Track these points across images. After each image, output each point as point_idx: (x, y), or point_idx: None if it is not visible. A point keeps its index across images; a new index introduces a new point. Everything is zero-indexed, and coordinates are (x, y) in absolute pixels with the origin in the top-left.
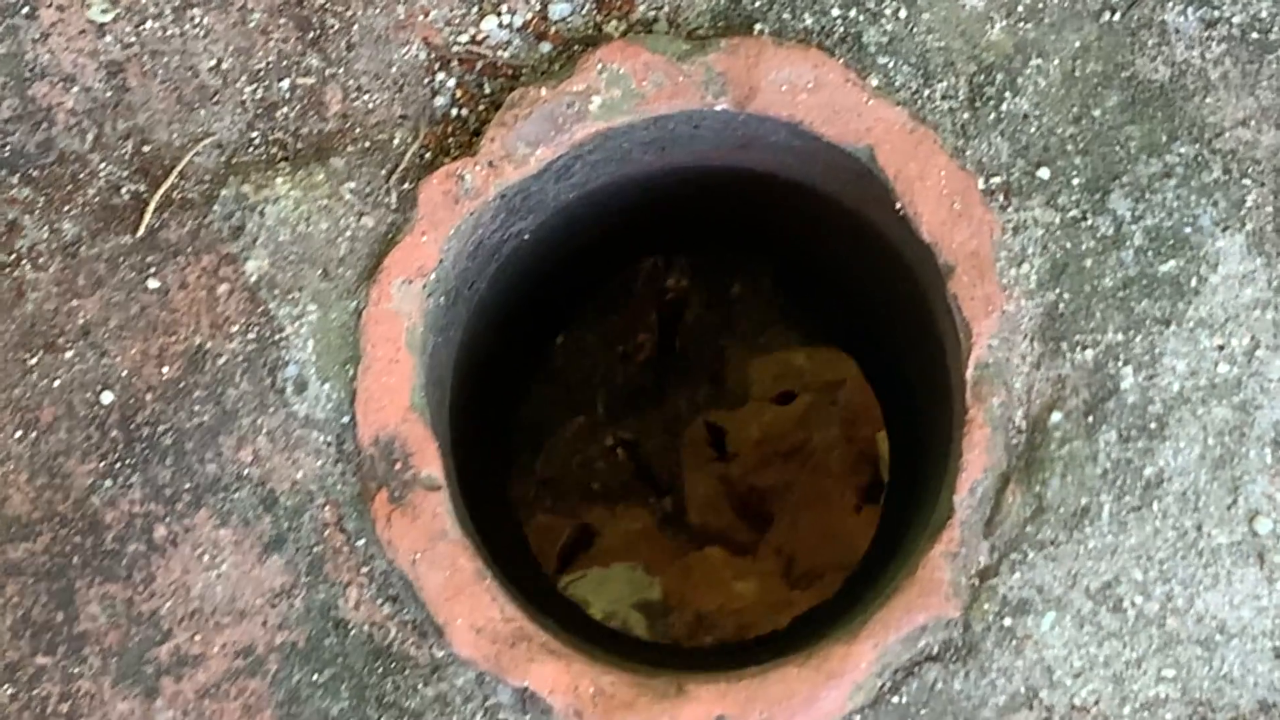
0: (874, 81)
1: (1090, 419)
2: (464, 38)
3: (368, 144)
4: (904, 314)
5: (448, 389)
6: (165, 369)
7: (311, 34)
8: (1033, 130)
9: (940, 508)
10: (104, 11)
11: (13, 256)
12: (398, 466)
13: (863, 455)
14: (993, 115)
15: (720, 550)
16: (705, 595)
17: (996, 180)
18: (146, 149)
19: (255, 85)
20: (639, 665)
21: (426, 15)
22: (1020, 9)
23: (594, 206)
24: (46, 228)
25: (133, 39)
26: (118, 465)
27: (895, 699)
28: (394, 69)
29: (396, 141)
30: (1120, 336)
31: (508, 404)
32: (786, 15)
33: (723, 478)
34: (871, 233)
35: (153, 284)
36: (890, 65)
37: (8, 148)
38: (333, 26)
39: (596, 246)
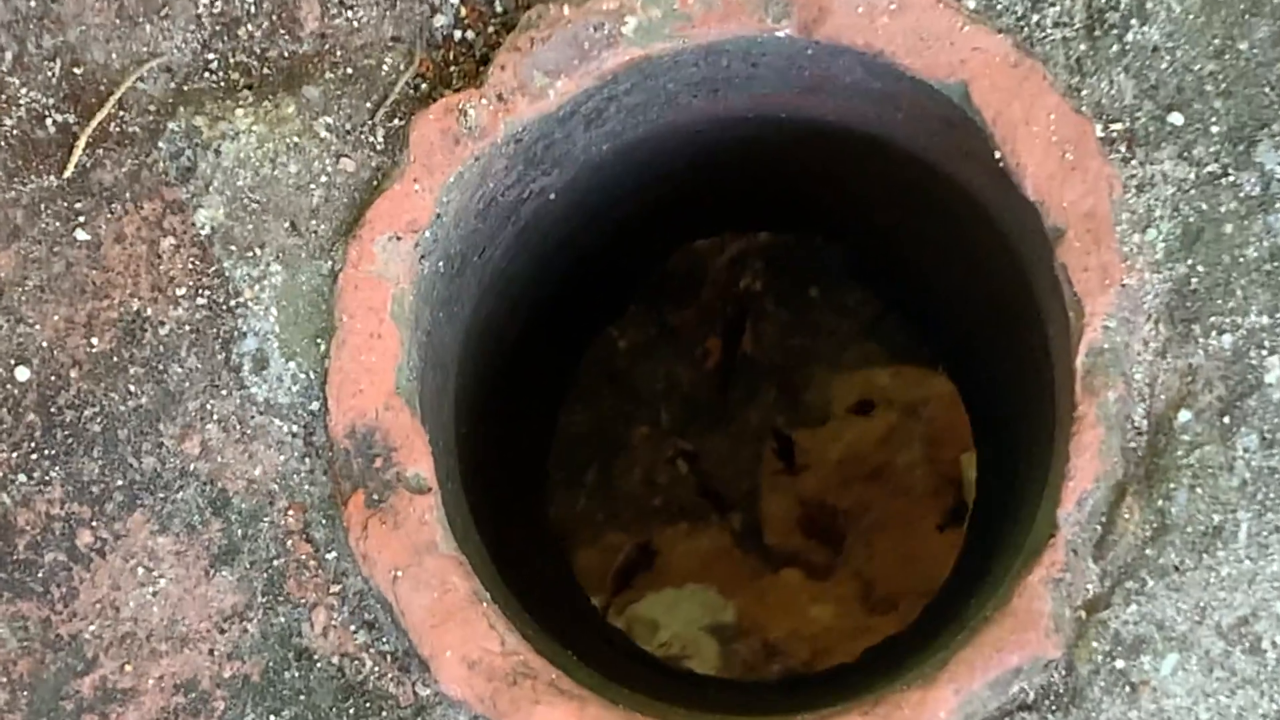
0: (970, 3)
1: (1226, 419)
2: None
3: (350, 70)
4: (1000, 298)
5: (451, 375)
6: (95, 340)
7: None
8: (1164, 66)
9: (1040, 525)
10: None
11: None
12: (377, 463)
13: (945, 477)
14: (1115, 47)
15: (797, 573)
16: (780, 619)
17: (1118, 127)
18: (78, 71)
19: None
20: (675, 707)
21: None
22: None
23: (633, 165)
24: None
25: None
26: (34, 457)
27: None
28: None
29: (385, 68)
30: (1265, 319)
31: (546, 406)
32: None
33: (800, 498)
34: (963, 198)
35: (81, 235)
36: None
37: None
38: None
39: (641, 217)
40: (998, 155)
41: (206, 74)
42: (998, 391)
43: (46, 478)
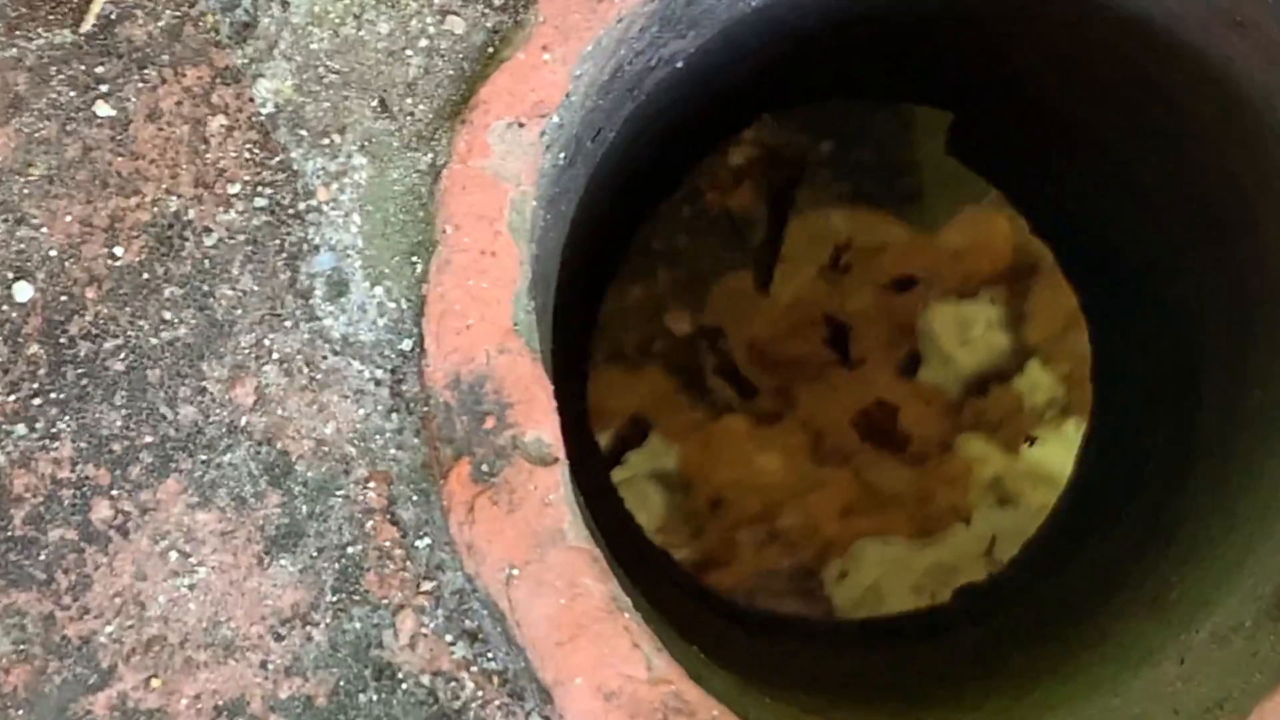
0: None
1: None
2: None
3: None
4: (1188, 198)
5: (551, 291)
6: (119, 250)
7: None
8: None
9: None
10: None
11: None
12: (489, 424)
13: (900, 327)
14: None
15: (743, 419)
16: (725, 469)
17: None
18: None
19: None
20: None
21: None
22: None
23: (773, 24)
24: None
25: None
26: (37, 402)
27: None
28: None
29: None
30: None
31: (595, 293)
32: None
33: (751, 342)
34: (1200, 76)
35: (103, 110)
36: None
37: None
38: None
39: (742, 85)
40: None
41: None
42: (1151, 302)
43: (53, 430)
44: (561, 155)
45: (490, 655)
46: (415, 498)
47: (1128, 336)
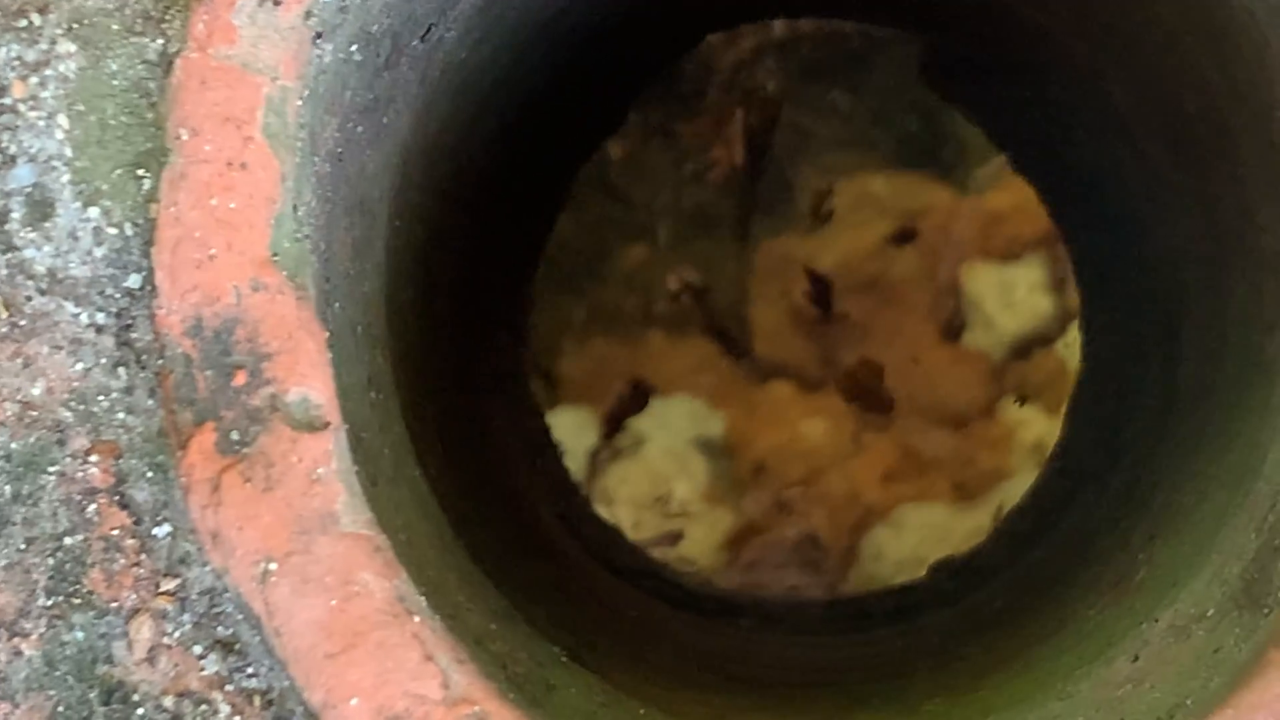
0: None
1: None
2: None
3: None
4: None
5: (382, 220)
6: None
7: None
8: None
9: None
10: None
11: None
12: (240, 380)
13: (942, 289)
14: None
15: (788, 385)
16: (769, 433)
17: None
18: None
19: None
20: None
21: None
22: None
23: None
24: None
25: None
26: None
27: None
28: None
29: None
30: None
31: (525, 242)
32: None
33: (790, 306)
34: None
35: None
36: None
37: None
38: None
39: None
40: None
41: None
42: (1133, 242)
43: None
44: (355, 49)
45: (250, 671)
46: (150, 474)
47: (1112, 286)
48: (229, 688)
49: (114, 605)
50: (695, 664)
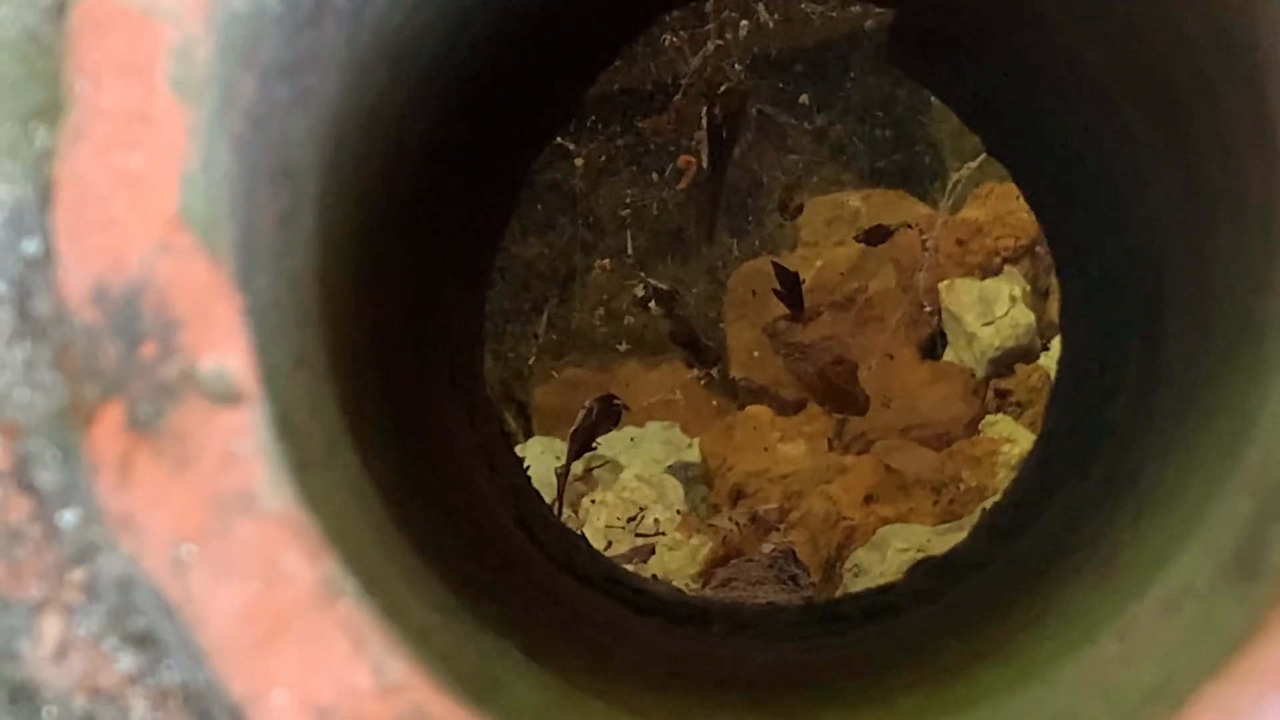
0: None
1: None
2: None
3: None
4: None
5: (309, 190)
6: None
7: None
8: None
9: None
10: None
11: None
12: (149, 351)
13: (920, 306)
14: None
15: (765, 409)
16: (746, 458)
17: None
18: None
19: None
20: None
21: None
22: None
23: None
24: None
25: None
26: None
27: None
28: None
29: None
30: None
31: (479, 234)
32: None
33: (769, 329)
34: None
35: None
36: None
37: None
38: None
39: None
40: None
41: None
42: (1113, 210)
43: None
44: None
45: (168, 665)
46: (55, 455)
47: (1092, 261)
48: (146, 682)
49: (18, 599)
50: (662, 666)
